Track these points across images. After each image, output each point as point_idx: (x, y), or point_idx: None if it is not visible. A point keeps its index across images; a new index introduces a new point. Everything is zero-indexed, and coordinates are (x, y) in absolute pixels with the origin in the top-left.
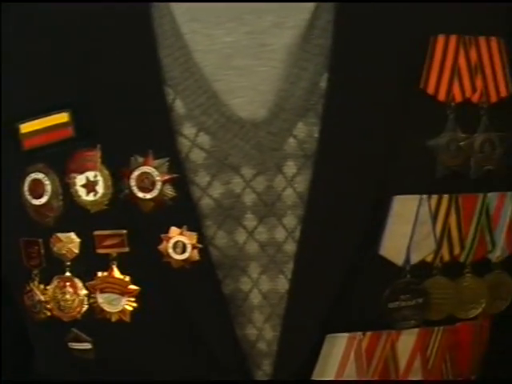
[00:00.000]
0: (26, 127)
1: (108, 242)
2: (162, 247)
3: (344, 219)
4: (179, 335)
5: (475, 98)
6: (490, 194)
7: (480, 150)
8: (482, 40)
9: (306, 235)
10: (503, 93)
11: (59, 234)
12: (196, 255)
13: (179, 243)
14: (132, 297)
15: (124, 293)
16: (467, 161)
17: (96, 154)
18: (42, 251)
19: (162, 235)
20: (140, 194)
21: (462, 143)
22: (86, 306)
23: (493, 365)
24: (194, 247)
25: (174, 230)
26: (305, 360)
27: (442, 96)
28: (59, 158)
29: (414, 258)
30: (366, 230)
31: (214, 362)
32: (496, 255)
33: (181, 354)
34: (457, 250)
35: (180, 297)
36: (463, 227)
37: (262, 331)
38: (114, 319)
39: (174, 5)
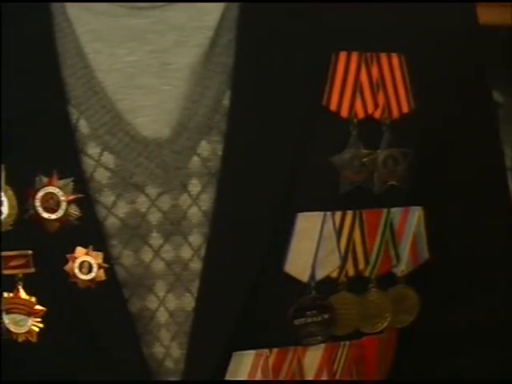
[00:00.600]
0: None
1: (13, 263)
2: (68, 267)
3: (248, 237)
4: (86, 355)
5: (377, 114)
6: (393, 209)
7: (383, 166)
8: (383, 56)
9: (210, 253)
10: (405, 109)
11: None
12: (102, 275)
13: (85, 263)
14: (38, 317)
15: (30, 313)
16: (370, 176)
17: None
18: None
19: (68, 255)
20: (45, 215)
21: (364, 159)
22: None
23: (398, 378)
24: (100, 267)
25: (79, 250)
26: (212, 378)
27: (344, 112)
28: None
29: (319, 274)
30: (271, 247)
31: (122, 381)
32: (400, 269)
33: (88, 374)
34: (361, 265)
35: (87, 317)
36: (368, 242)
37: (169, 349)
38: (20, 340)
39: (76, 24)
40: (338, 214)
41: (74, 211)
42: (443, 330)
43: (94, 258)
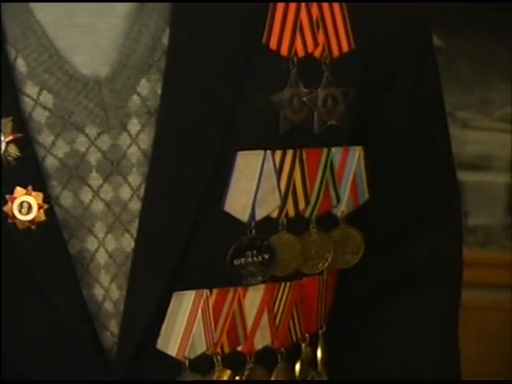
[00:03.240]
0: None
1: None
2: (6, 208)
3: (187, 176)
4: (27, 297)
5: (317, 53)
6: (333, 149)
7: (323, 105)
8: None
9: (149, 193)
10: (345, 48)
11: None
12: (42, 215)
13: (25, 203)
14: None
15: None
16: (310, 116)
17: None
18: None
19: (7, 196)
20: None
21: (304, 98)
22: None
23: (337, 320)
24: (39, 207)
25: (19, 190)
26: (151, 318)
27: (284, 51)
28: None
29: (259, 214)
30: (210, 186)
31: (62, 322)
32: (341, 210)
33: (29, 315)
34: (302, 205)
35: (26, 258)
36: (308, 182)
37: (108, 291)
38: None
39: None
40: (279, 153)
41: (13, 151)
42: (383, 270)
43: (34, 198)
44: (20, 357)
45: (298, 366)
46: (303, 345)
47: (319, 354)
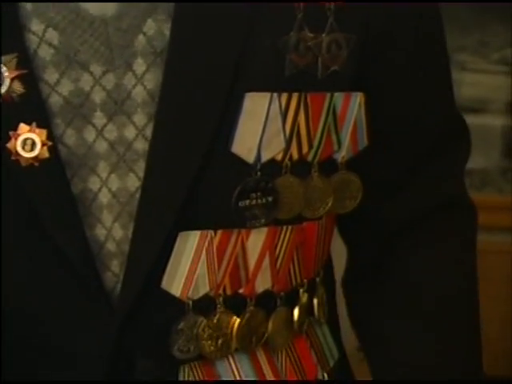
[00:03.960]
0: None
1: None
2: (10, 145)
3: (195, 117)
4: (29, 235)
5: None
6: (336, 94)
7: (327, 51)
8: None
9: (156, 133)
10: None
11: None
12: (46, 153)
13: (28, 140)
14: None
15: None
16: (314, 61)
17: None
18: None
19: (11, 132)
20: None
21: (310, 43)
22: None
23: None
24: (43, 144)
25: (23, 127)
26: (157, 258)
27: None
28: None
29: (265, 156)
30: (218, 127)
31: (64, 262)
32: (341, 155)
33: (31, 254)
34: (305, 149)
35: (29, 196)
36: (311, 126)
37: (111, 231)
38: None
39: None
40: (284, 96)
41: (18, 88)
42: (390, 213)
43: (38, 135)
44: (22, 295)
45: (296, 312)
46: (301, 290)
47: (315, 300)
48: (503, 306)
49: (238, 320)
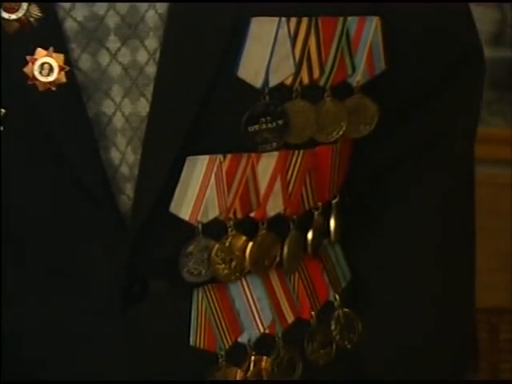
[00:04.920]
0: None
1: None
2: (27, 69)
3: (203, 41)
4: (45, 159)
5: None
6: (349, 18)
7: None
8: None
9: (165, 57)
10: None
11: None
12: (63, 77)
13: (46, 65)
14: None
15: None
16: None
17: None
18: None
19: (28, 57)
20: (5, 15)
21: None
22: None
23: (352, 189)
24: (61, 69)
25: (40, 52)
26: (165, 183)
27: None
28: None
29: (273, 81)
30: (225, 51)
31: (80, 185)
32: (356, 79)
33: (47, 179)
34: (316, 74)
35: (45, 120)
36: (323, 50)
37: (124, 155)
38: None
39: None
40: (293, 21)
41: (35, 12)
42: (397, 140)
43: (55, 60)
44: (37, 219)
45: (310, 235)
46: (316, 213)
47: (332, 222)
48: (503, 239)
49: (251, 243)
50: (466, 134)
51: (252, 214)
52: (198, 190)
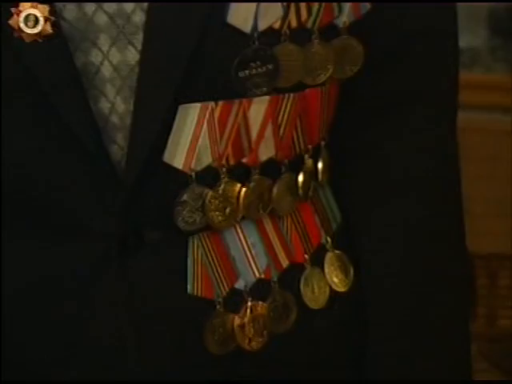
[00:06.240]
0: None
1: None
2: (12, 21)
3: None
4: (34, 111)
5: None
6: None
7: None
8: None
9: (153, 5)
10: None
11: None
12: (49, 28)
13: (31, 16)
14: None
15: None
16: None
17: None
18: None
19: (13, 9)
20: None
21: None
22: None
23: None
24: (46, 20)
25: (25, 3)
26: (158, 131)
27: None
28: None
29: (262, 25)
30: None
31: (72, 137)
32: (343, 20)
33: (38, 131)
34: (304, 16)
35: (34, 72)
36: None
37: (114, 104)
38: None
39: None
40: None
41: None
42: (382, 87)
43: (40, 11)
44: (31, 173)
45: (300, 177)
46: (306, 156)
47: (320, 164)
48: (504, 185)
49: (244, 188)
50: (451, 81)
51: (244, 160)
52: (191, 138)
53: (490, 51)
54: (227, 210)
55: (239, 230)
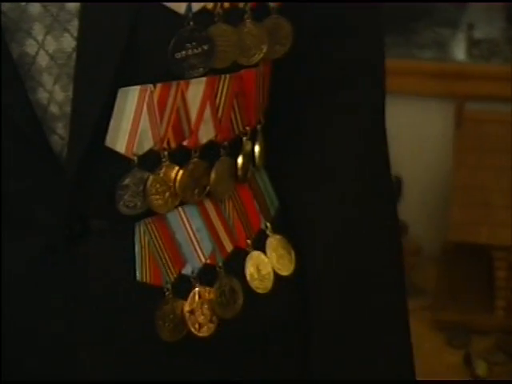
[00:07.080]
0: None
1: None
2: None
3: None
4: None
5: None
6: None
7: None
8: None
9: None
10: None
11: None
12: None
13: None
14: None
15: None
16: None
17: None
18: None
19: None
20: None
21: None
22: None
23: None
24: None
25: None
26: (99, 116)
27: None
28: None
29: (196, 6)
30: None
31: (12, 128)
32: None
33: None
34: None
35: None
36: None
37: (52, 94)
38: None
39: None
40: None
41: None
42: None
43: None
44: None
45: (240, 160)
46: (244, 138)
47: (257, 148)
48: (503, 176)
49: (181, 171)
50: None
51: (185, 143)
52: (132, 122)
53: (508, 41)
54: (166, 194)
55: (183, 216)
